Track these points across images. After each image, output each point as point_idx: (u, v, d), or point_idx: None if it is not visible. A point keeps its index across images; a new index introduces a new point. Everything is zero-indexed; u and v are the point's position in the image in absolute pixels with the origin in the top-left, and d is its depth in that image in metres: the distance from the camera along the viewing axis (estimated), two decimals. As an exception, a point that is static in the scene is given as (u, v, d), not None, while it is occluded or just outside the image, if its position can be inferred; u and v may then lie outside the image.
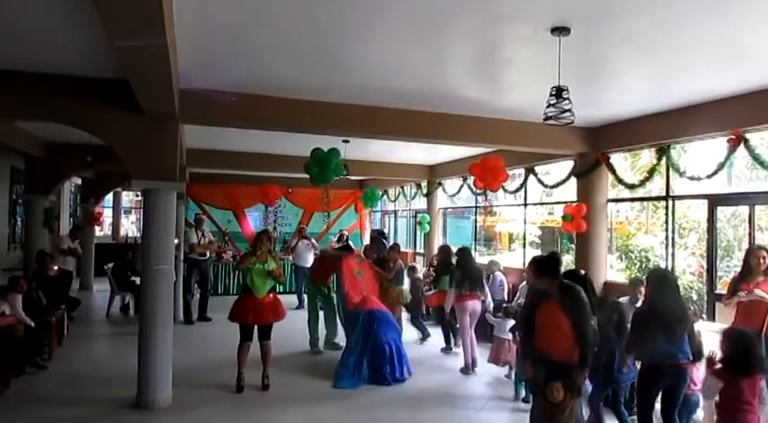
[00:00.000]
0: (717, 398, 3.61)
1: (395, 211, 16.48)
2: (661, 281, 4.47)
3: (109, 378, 6.45)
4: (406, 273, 8.67)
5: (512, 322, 6.52)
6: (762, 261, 5.10)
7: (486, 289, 7.70)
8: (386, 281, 7.95)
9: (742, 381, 3.49)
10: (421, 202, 13.59)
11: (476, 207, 11.90)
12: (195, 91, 5.70)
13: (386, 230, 16.16)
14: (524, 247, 10.50)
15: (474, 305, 7.25)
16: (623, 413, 4.87)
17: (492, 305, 7.75)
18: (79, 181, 14.38)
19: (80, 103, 5.50)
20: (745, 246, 5.97)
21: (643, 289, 5.41)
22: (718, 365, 3.62)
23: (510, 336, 6.54)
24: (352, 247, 9.23)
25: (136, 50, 3.63)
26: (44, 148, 9.92)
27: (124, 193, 18.80)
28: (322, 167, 7.68)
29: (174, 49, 4.16)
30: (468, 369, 7.17)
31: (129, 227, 20.42)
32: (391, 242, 10.10)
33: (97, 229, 14.73)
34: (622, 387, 4.94)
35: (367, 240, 15.40)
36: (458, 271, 7.44)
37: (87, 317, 10.10)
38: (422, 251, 13.20)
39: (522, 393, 6.05)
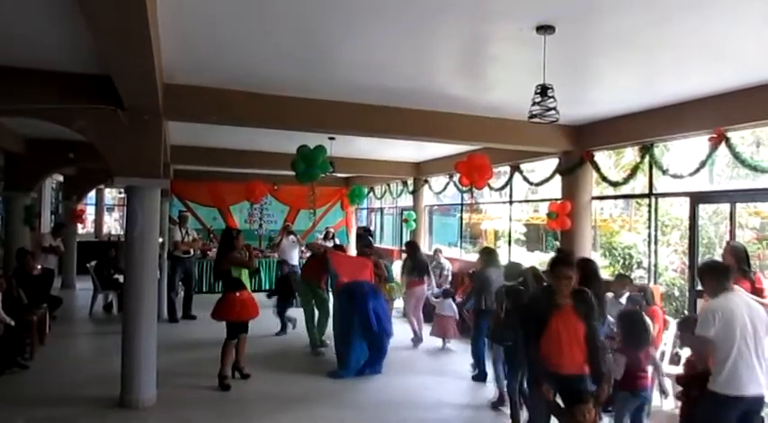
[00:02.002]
0: None
1: (381, 209, 16.49)
2: (591, 268, 5.04)
3: (92, 377, 6.38)
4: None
5: (450, 301, 8.25)
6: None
7: (432, 276, 9.05)
8: (378, 277, 7.99)
9: (639, 353, 4.21)
10: (407, 200, 13.60)
11: (462, 204, 11.95)
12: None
13: (372, 228, 16.17)
14: (510, 244, 10.55)
15: (421, 289, 8.55)
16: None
17: (435, 290, 9.23)
18: (61, 178, 14.19)
19: (62, 98, 5.42)
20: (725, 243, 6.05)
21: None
22: (619, 345, 4.36)
23: (450, 313, 8.16)
24: (343, 247, 9.22)
25: (118, 45, 3.59)
26: (25, 145, 9.77)
27: (107, 191, 18.58)
28: (308, 164, 7.65)
29: (158, 45, 4.12)
30: (417, 341, 8.42)
31: (113, 224, 20.19)
32: (378, 239, 10.23)
33: (80, 226, 14.54)
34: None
35: (353, 237, 15.45)
36: (408, 261, 8.66)
37: (70, 316, 9.98)
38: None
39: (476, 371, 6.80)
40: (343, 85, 5.93)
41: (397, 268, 10.33)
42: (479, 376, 6.69)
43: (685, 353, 5.06)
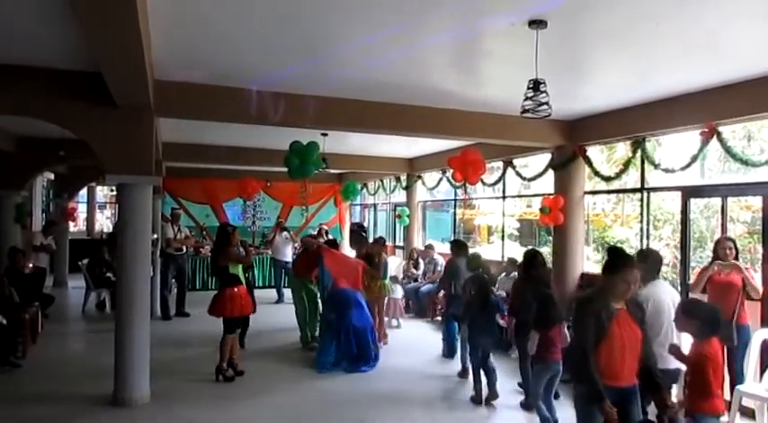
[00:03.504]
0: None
1: (374, 205, 16.48)
2: (534, 259, 5.71)
3: (85, 375, 6.36)
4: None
5: (399, 286, 9.60)
6: (728, 252, 5.25)
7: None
8: (369, 276, 7.99)
9: (549, 332, 4.83)
10: (400, 196, 13.60)
11: (455, 200, 11.96)
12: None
13: (365, 224, 16.16)
14: (503, 239, 10.58)
15: None
16: (491, 370, 5.85)
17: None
18: (52, 176, 14.10)
19: (52, 95, 5.38)
20: (717, 237, 6.10)
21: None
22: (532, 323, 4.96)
23: (400, 295, 9.55)
24: (337, 242, 9.21)
25: (108, 41, 3.56)
26: (15, 143, 9.70)
27: (99, 188, 18.48)
28: (302, 160, 7.63)
29: (148, 41, 4.09)
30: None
31: (104, 222, 20.09)
32: (371, 235, 10.23)
33: (71, 224, 14.46)
34: (488, 348, 5.91)
35: (347, 234, 15.44)
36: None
37: (62, 314, 9.93)
38: (401, 244, 13.22)
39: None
40: (336, 81, 5.90)
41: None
42: (449, 353, 7.53)
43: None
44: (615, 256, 3.59)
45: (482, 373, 5.83)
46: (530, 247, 7.35)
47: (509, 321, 5.85)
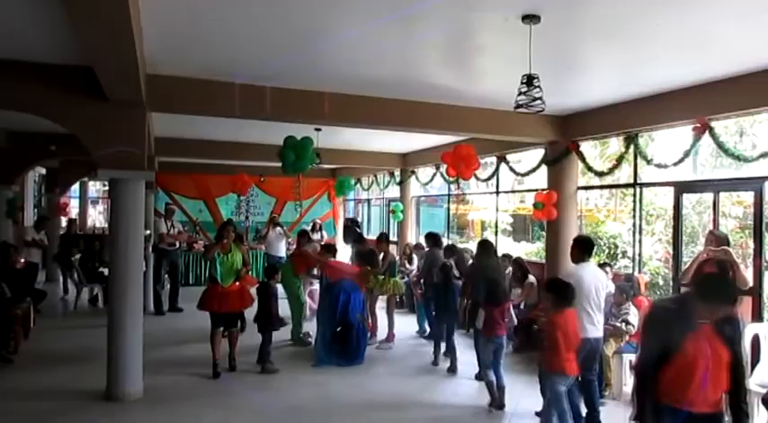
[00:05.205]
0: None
1: (368, 200, 16.47)
2: (485, 247, 6.47)
3: (77, 371, 6.34)
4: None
5: None
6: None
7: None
8: (370, 275, 7.95)
9: (494, 309, 5.45)
10: (394, 191, 13.60)
11: (449, 195, 11.97)
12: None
13: (359, 219, 16.16)
14: (496, 234, 10.61)
15: None
16: (454, 347, 6.81)
17: None
18: (43, 171, 14.00)
19: (42, 90, 5.34)
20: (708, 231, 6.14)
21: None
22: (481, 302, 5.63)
23: None
24: (335, 247, 9.13)
25: (99, 36, 3.53)
26: (6, 137, 9.63)
27: (91, 183, 18.37)
28: (298, 155, 7.60)
29: (140, 34, 4.06)
30: None
31: (97, 217, 19.98)
32: (365, 231, 10.19)
33: (63, 219, 14.37)
34: (450, 324, 6.85)
35: (340, 229, 15.42)
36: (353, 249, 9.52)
37: (55, 309, 9.89)
38: (395, 240, 13.23)
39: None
40: (330, 76, 5.88)
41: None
42: (432, 335, 7.82)
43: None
44: (721, 286, 3.06)
45: (444, 345, 6.84)
46: (481, 238, 7.74)
47: (460, 302, 6.53)
